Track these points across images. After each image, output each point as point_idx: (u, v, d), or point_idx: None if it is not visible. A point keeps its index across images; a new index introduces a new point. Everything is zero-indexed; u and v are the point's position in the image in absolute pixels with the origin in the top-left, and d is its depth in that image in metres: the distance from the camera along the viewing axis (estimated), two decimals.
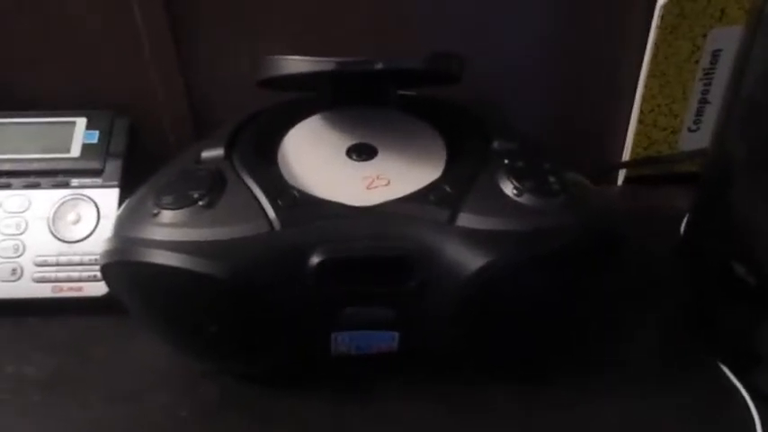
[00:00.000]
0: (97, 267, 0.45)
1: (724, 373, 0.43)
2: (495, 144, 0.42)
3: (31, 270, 0.45)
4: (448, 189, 0.39)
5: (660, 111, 0.52)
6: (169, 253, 0.36)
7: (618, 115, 0.54)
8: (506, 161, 0.40)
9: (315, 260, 0.36)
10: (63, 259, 0.46)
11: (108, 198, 0.47)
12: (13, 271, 0.45)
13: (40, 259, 0.46)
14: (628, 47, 0.50)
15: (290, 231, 0.37)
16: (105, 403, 0.41)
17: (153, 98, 0.51)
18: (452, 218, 0.37)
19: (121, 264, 0.37)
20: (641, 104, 0.52)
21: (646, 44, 0.49)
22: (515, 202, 0.38)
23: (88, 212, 0.47)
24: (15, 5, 0.48)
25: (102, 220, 0.46)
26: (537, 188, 0.38)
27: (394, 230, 0.37)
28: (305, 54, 0.48)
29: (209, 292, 0.36)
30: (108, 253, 0.38)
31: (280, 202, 0.38)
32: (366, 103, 0.46)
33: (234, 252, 0.36)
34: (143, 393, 0.42)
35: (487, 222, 0.37)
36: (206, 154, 0.41)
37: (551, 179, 0.39)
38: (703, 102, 0.52)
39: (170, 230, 0.37)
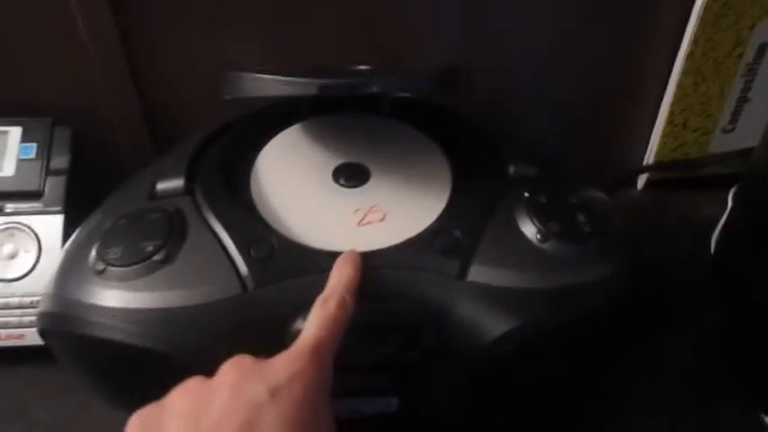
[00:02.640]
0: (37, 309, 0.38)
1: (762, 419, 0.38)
2: (511, 169, 0.35)
3: None
4: (457, 233, 0.32)
5: (693, 110, 0.45)
6: (117, 325, 0.29)
7: (641, 115, 0.47)
8: (526, 194, 0.33)
9: (297, 327, 0.30)
10: (0, 302, 0.39)
11: (50, 227, 0.39)
12: None
13: None
14: (655, 44, 0.43)
15: (266, 292, 0.30)
16: None
17: (98, 102, 0.43)
18: (463, 271, 0.31)
19: (61, 334, 0.31)
20: (672, 104, 0.45)
21: (678, 40, 0.42)
22: (539, 249, 0.31)
23: (27, 244, 0.39)
24: None
25: (43, 254, 0.39)
26: (564, 232, 0.31)
27: (393, 289, 0.31)
28: (273, 52, 0.42)
29: (166, 370, 0.30)
30: (45, 317, 0.32)
31: (253, 254, 0.31)
32: (354, 109, 0.39)
33: (196, 323, 0.29)
34: None
35: (506, 277, 0.31)
36: (162, 185, 0.34)
37: (580, 218, 0.32)
38: (743, 100, 0.45)
39: (117, 294, 0.30)
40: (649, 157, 0.49)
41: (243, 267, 0.30)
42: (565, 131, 0.46)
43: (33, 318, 0.38)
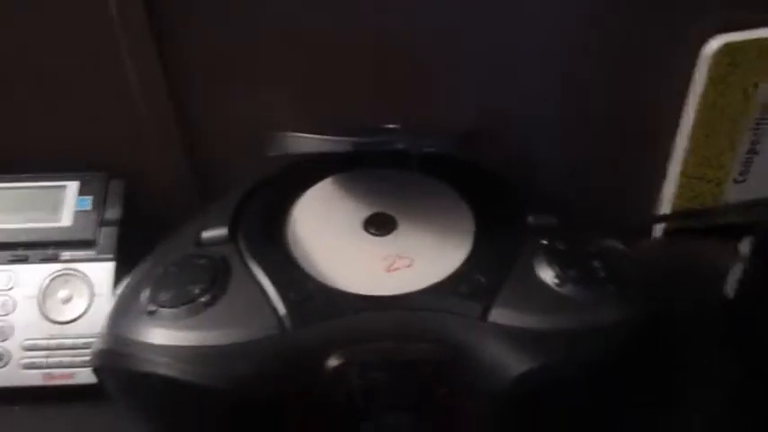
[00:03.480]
0: (89, 351, 0.41)
1: None
2: (531, 219, 0.38)
3: (19, 355, 0.41)
4: (480, 278, 0.34)
5: (708, 163, 0.48)
6: (167, 361, 0.32)
7: (652, 165, 0.49)
8: (545, 242, 0.35)
9: (332, 364, 0.32)
10: (53, 343, 0.42)
11: (102, 273, 0.43)
12: (0, 356, 0.41)
13: (28, 343, 0.42)
14: (667, 95, 0.46)
15: (303, 332, 0.33)
16: None
17: (149, 157, 0.46)
18: (485, 313, 0.33)
19: (114, 370, 0.34)
20: (686, 156, 0.47)
21: (685, 94, 0.45)
22: (557, 293, 0.34)
23: (80, 289, 0.42)
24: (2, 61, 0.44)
25: (95, 298, 0.42)
26: (581, 277, 0.34)
27: (420, 328, 0.33)
28: (310, 107, 0.45)
29: (212, 403, 0.32)
30: (100, 354, 0.34)
31: (291, 297, 0.33)
32: (382, 164, 0.42)
33: (239, 359, 0.32)
34: None
35: (527, 319, 0.33)
36: (207, 234, 0.37)
37: (596, 264, 0.35)
38: (752, 152, 0.47)
39: (167, 333, 0.32)
40: (665, 207, 0.51)
41: (282, 309, 0.33)
42: (581, 184, 0.49)
43: (84, 358, 0.41)
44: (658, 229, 0.52)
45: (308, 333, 0.33)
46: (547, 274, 0.34)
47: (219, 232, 0.37)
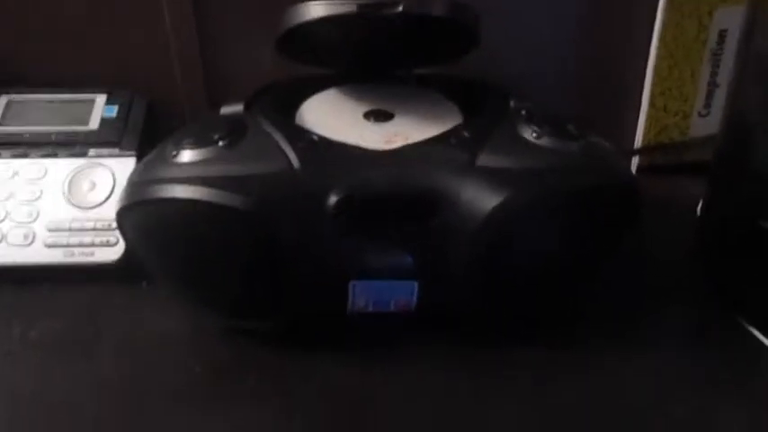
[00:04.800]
0: (110, 233, 0.45)
1: (755, 336, 0.42)
2: (512, 103, 0.42)
3: (43, 235, 0.45)
4: (467, 134, 0.39)
5: (671, 94, 0.53)
6: (189, 187, 0.36)
7: (628, 102, 0.55)
8: (524, 112, 0.40)
9: (334, 198, 0.36)
10: (76, 225, 0.45)
11: (125, 166, 0.47)
12: (26, 236, 0.45)
13: (52, 225, 0.45)
14: (635, 28, 0.52)
15: (310, 169, 0.37)
16: (113, 361, 0.40)
17: (171, 76, 0.52)
18: (472, 159, 0.37)
19: (139, 204, 0.37)
20: (651, 87, 0.52)
21: (652, 25, 0.51)
22: (535, 144, 0.38)
23: (104, 180, 0.46)
24: None
25: (117, 188, 0.46)
26: (556, 132, 0.38)
27: (414, 171, 0.37)
28: None
29: (230, 227, 0.36)
30: (124, 196, 0.38)
31: (299, 144, 0.38)
32: (382, 79, 0.47)
33: (255, 186, 0.36)
34: (153, 352, 0.41)
35: (507, 161, 0.37)
36: (225, 110, 0.42)
37: (570, 126, 0.39)
38: (713, 84, 0.53)
39: (190, 168, 0.37)
40: (637, 142, 0.56)
41: (291, 153, 0.37)
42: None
43: (104, 238, 0.45)
44: (633, 167, 0.57)
45: (313, 170, 0.37)
46: (526, 132, 0.39)
47: (236, 108, 0.42)
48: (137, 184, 0.38)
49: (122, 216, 0.39)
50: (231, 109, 0.42)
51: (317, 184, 0.36)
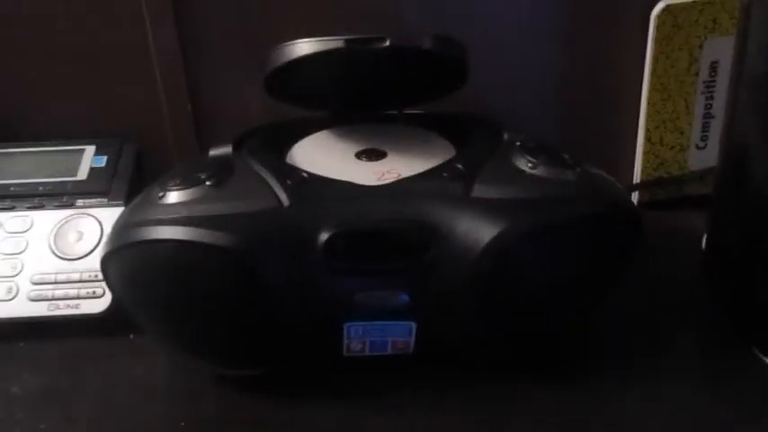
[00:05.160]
0: (97, 283, 0.43)
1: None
2: (506, 135, 0.42)
3: (27, 289, 0.43)
4: (460, 167, 0.38)
5: (666, 127, 0.52)
6: (175, 227, 0.34)
7: (624, 136, 0.54)
8: (518, 143, 0.39)
9: (325, 235, 0.35)
10: (61, 277, 0.44)
11: (113, 215, 0.45)
12: (9, 290, 0.43)
13: (37, 277, 0.44)
14: (626, 60, 0.51)
15: (300, 206, 0.36)
16: (97, 416, 0.38)
17: (160, 126, 0.51)
18: (467, 190, 0.36)
19: (124, 247, 0.36)
20: (646, 121, 0.52)
21: (644, 58, 0.50)
22: (531, 173, 0.37)
23: (91, 229, 0.45)
24: (24, 33, 0.50)
25: (104, 238, 0.45)
26: (552, 161, 0.37)
27: (408, 204, 0.36)
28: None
29: (217, 268, 0.34)
30: (109, 241, 0.37)
31: (289, 182, 0.37)
32: (373, 119, 0.47)
33: (243, 225, 0.35)
34: (138, 406, 0.39)
35: (503, 192, 0.36)
36: (214, 152, 0.41)
37: (565, 156, 0.38)
38: (708, 116, 0.52)
39: (176, 208, 0.35)
40: (636, 178, 0.55)
41: (279, 190, 0.36)
42: None
43: (90, 290, 0.44)
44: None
45: (303, 207, 0.36)
46: (521, 162, 0.38)
47: (224, 149, 0.41)
48: (122, 228, 0.37)
49: (107, 262, 0.37)
50: (219, 151, 0.41)
51: (307, 221, 0.35)
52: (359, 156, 0.42)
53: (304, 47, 0.38)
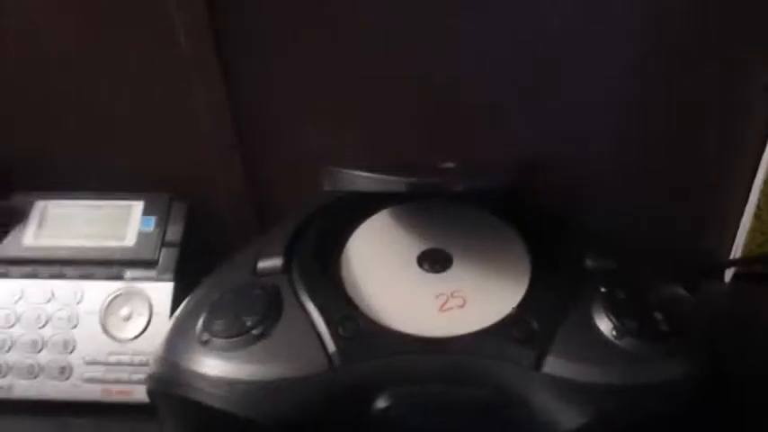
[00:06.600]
0: (147, 368, 0.42)
1: None
2: (589, 262, 0.36)
3: (80, 369, 0.43)
4: (534, 324, 0.33)
5: None
6: (216, 393, 0.32)
7: (726, 209, 0.47)
8: (603, 289, 0.34)
9: (380, 404, 0.32)
10: (113, 359, 0.43)
11: (162, 293, 0.44)
12: (62, 369, 0.43)
13: (89, 358, 0.43)
14: (742, 141, 0.44)
15: (352, 369, 0.33)
16: None
17: (211, 180, 0.48)
18: (539, 362, 0.32)
19: (167, 395, 0.34)
20: (759, 199, 0.45)
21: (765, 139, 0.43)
22: (614, 345, 0.32)
23: (141, 308, 0.44)
24: (75, 87, 0.46)
25: (154, 317, 0.43)
26: (640, 330, 0.32)
27: (470, 373, 0.32)
28: (367, 143, 0.46)
29: None
30: (154, 379, 0.35)
31: (341, 332, 0.33)
32: (438, 197, 0.42)
33: (287, 395, 0.32)
34: None
35: (581, 371, 0.32)
36: (263, 264, 0.38)
37: (657, 316, 0.33)
38: None
39: (219, 364, 0.33)
40: (736, 251, 0.49)
41: (331, 346, 0.33)
42: (646, 221, 0.47)
43: (141, 375, 0.42)
44: (729, 274, 0.50)
45: (355, 371, 0.32)
46: (604, 325, 0.33)
47: (274, 263, 0.37)
48: (164, 365, 0.35)
49: (151, 393, 0.36)
50: (269, 264, 0.37)
51: (359, 387, 0.32)
52: (421, 261, 0.38)
53: (363, 182, 0.33)
